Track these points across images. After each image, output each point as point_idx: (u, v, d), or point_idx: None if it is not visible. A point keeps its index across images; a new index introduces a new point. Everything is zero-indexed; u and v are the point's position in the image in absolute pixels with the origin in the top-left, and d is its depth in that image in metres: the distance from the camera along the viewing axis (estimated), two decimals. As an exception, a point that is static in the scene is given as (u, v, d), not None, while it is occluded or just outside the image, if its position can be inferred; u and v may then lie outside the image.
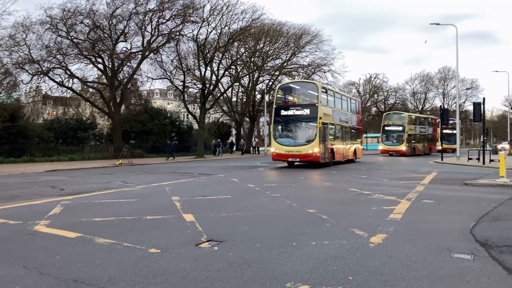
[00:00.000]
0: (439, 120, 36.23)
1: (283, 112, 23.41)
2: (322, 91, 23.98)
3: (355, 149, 29.58)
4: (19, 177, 17.77)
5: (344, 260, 5.24)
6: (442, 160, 29.92)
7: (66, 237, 6.55)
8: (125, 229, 7.17)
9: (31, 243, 6.24)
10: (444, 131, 51.04)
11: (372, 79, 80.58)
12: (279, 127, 23.58)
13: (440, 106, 47.20)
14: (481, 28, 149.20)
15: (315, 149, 22.08)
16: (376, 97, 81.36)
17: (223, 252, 5.61)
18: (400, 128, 42.26)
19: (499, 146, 52.48)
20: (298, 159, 22.74)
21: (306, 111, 22.83)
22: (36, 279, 4.63)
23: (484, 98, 24.87)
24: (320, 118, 22.26)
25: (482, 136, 30.42)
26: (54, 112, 42.33)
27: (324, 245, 5.97)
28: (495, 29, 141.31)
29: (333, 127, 25.40)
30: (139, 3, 34.10)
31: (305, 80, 40.83)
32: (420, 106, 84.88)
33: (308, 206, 9.49)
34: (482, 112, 24.07)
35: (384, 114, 50.10)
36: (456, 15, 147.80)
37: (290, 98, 25.09)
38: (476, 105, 24.50)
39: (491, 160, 25.06)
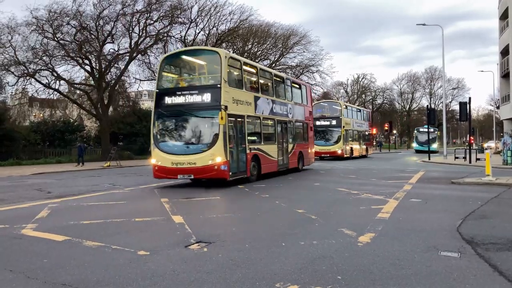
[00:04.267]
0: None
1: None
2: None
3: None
4: (6, 181, 17.54)
5: (333, 260, 5.26)
6: (429, 159, 30.24)
7: (54, 241, 6.49)
8: (114, 232, 7.12)
9: (18, 247, 6.17)
10: (317, 122, 31.22)
11: (360, 79, 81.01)
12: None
13: (427, 106, 45.08)
14: (473, 28, 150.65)
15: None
16: (364, 97, 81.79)
17: (212, 253, 5.61)
18: (209, 112, 13.67)
19: (485, 145, 53.19)
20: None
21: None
22: (23, 283, 4.58)
23: (470, 98, 25.31)
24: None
25: (468, 135, 30.72)
26: (41, 114, 41.94)
27: (313, 245, 5.99)
28: (487, 29, 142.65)
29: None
30: (127, 4, 33.95)
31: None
32: (408, 106, 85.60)
33: (296, 206, 9.53)
34: (468, 112, 24.39)
35: (163, 57, 16.91)
36: (453, 15, 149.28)
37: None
38: (462, 105, 24.81)
39: (477, 159, 25.42)
